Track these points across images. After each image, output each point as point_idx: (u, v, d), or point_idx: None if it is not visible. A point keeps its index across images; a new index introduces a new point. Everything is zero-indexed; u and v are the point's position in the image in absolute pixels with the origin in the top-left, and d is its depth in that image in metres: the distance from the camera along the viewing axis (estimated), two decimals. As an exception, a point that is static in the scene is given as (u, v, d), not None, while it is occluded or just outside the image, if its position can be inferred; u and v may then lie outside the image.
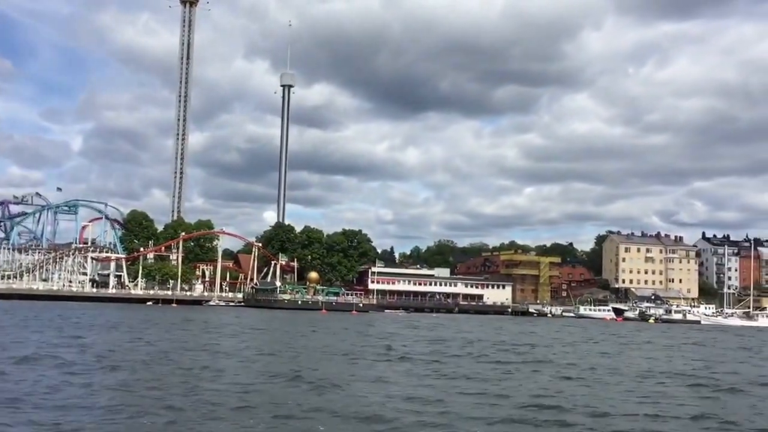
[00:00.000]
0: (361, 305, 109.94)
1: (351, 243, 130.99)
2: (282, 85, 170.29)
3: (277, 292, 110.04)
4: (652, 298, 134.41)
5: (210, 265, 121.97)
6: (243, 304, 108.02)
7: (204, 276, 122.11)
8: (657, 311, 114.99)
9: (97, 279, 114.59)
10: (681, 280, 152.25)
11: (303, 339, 40.16)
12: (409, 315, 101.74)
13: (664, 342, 50.68)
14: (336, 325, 57.88)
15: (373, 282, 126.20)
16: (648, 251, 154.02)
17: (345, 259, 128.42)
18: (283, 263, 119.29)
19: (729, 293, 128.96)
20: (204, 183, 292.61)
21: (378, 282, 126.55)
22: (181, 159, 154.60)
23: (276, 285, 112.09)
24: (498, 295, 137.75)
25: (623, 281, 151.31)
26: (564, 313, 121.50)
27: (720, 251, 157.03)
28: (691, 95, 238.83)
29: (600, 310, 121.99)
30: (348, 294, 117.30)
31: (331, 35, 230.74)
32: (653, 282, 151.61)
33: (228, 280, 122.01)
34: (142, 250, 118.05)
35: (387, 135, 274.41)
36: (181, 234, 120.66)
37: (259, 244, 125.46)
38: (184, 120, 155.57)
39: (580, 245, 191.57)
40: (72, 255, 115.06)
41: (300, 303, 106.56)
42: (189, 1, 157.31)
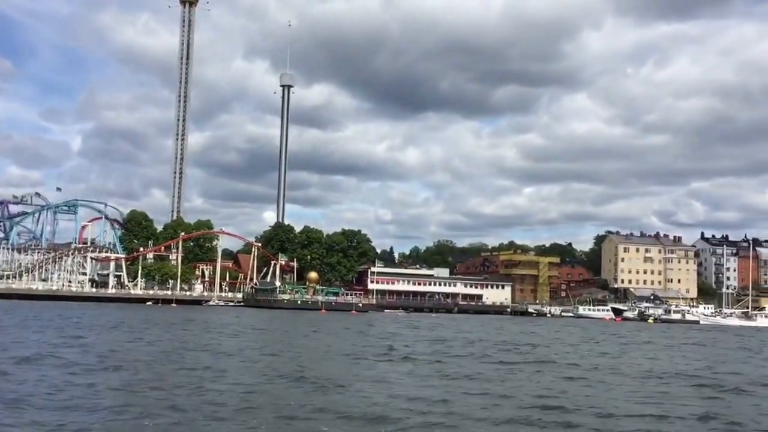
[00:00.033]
0: (361, 305, 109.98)
1: (350, 243, 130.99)
2: (282, 85, 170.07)
3: (277, 292, 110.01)
4: (651, 298, 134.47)
5: (209, 265, 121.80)
6: (242, 304, 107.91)
7: (203, 276, 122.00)
8: (656, 311, 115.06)
9: (97, 279, 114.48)
10: (680, 280, 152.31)
11: (304, 339, 40.12)
12: (409, 315, 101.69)
13: (664, 342, 50.69)
14: (336, 325, 57.85)
15: (373, 282, 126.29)
16: (647, 251, 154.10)
17: (344, 259, 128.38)
18: (283, 263, 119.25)
19: (728, 293, 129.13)
20: (204, 183, 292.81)
21: (377, 282, 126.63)
22: (181, 159, 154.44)
23: (275, 285, 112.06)
24: (497, 295, 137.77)
25: (622, 281, 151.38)
26: (563, 313, 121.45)
27: (719, 251, 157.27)
28: (690, 95, 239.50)
29: (599, 310, 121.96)
30: (347, 294, 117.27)
31: (331, 35, 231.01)
32: (652, 282, 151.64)
33: (227, 280, 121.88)
34: (141, 250, 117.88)
35: (386, 135, 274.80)
36: (181, 234, 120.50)
37: (259, 244, 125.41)
38: (183, 120, 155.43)
39: (579, 245, 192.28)
40: (71, 255, 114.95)
41: (299, 303, 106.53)
42: (189, 1, 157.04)
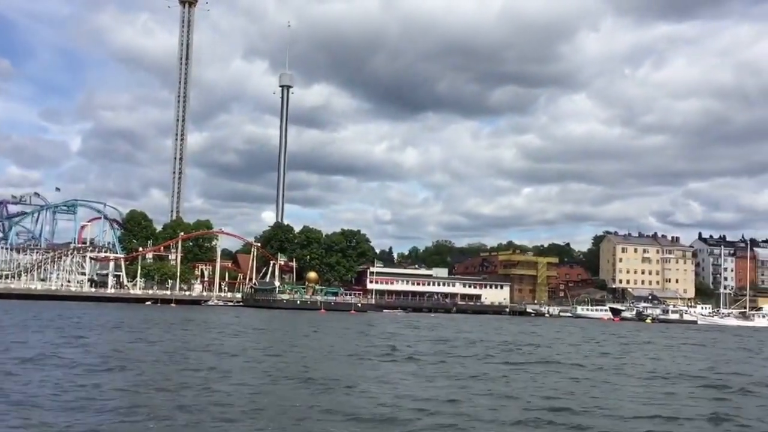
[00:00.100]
0: (360, 305, 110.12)
1: (349, 243, 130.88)
2: (281, 86, 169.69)
3: (276, 292, 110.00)
4: (648, 298, 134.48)
5: (209, 265, 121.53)
6: (242, 304, 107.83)
7: (203, 276, 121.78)
8: (654, 311, 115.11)
9: (96, 279, 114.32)
10: (677, 280, 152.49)
11: (306, 339, 40.11)
12: (408, 315, 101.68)
13: (664, 342, 50.74)
14: (337, 325, 57.86)
15: (372, 282, 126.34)
16: (645, 252, 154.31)
17: (343, 259, 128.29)
18: (282, 263, 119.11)
19: (725, 293, 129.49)
20: (203, 183, 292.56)
21: (376, 282, 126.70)
22: (180, 159, 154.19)
23: (275, 285, 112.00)
24: (496, 295, 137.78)
25: (620, 281, 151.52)
26: (561, 313, 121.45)
27: (716, 252, 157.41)
28: (688, 96, 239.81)
29: (597, 310, 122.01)
30: (346, 294, 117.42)
31: (330, 36, 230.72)
32: (650, 282, 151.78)
33: (227, 280, 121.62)
34: (140, 249, 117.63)
35: (385, 135, 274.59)
36: (180, 234, 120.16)
37: (258, 244, 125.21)
38: (183, 120, 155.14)
39: (577, 245, 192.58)
40: (70, 255, 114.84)
41: (299, 303, 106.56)
42: (188, 2, 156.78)
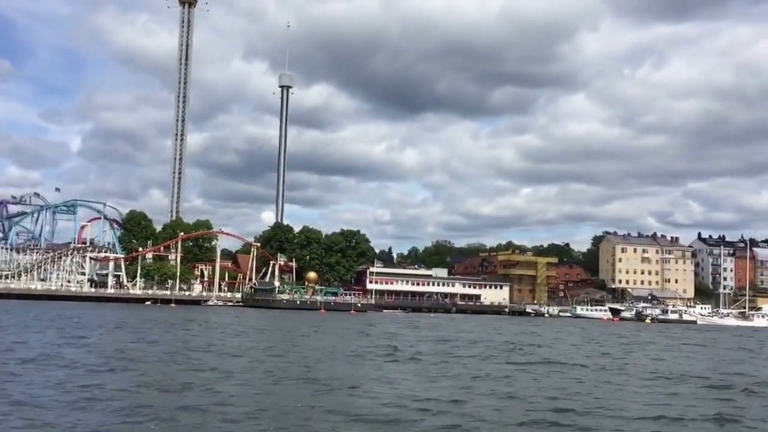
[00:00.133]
0: (360, 305, 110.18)
1: (349, 243, 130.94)
2: (280, 86, 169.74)
3: (276, 292, 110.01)
4: (648, 298, 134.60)
5: (208, 265, 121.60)
6: (241, 304, 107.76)
7: (202, 276, 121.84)
8: (653, 311, 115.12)
9: (96, 279, 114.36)
10: (677, 280, 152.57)
11: (307, 339, 40.08)
12: (408, 315, 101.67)
13: (664, 342, 50.76)
14: (337, 325, 57.85)
15: (371, 282, 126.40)
16: (644, 252, 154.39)
17: (343, 259, 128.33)
18: (282, 263, 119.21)
19: (725, 293, 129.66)
20: (203, 183, 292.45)
21: (376, 282, 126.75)
22: (180, 159, 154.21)
23: (274, 285, 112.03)
24: (495, 296, 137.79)
25: (620, 281, 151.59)
26: (561, 314, 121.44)
27: (716, 252, 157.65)
28: (687, 97, 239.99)
29: (597, 310, 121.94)
30: (346, 294, 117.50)
31: (330, 36, 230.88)
32: (649, 282, 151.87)
33: (226, 280, 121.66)
34: (140, 250, 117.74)
35: (385, 136, 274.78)
36: (180, 234, 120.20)
37: (258, 244, 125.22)
38: (182, 120, 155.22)
39: (576, 246, 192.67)
40: (70, 255, 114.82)
41: (299, 303, 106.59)
42: (188, 2, 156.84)
